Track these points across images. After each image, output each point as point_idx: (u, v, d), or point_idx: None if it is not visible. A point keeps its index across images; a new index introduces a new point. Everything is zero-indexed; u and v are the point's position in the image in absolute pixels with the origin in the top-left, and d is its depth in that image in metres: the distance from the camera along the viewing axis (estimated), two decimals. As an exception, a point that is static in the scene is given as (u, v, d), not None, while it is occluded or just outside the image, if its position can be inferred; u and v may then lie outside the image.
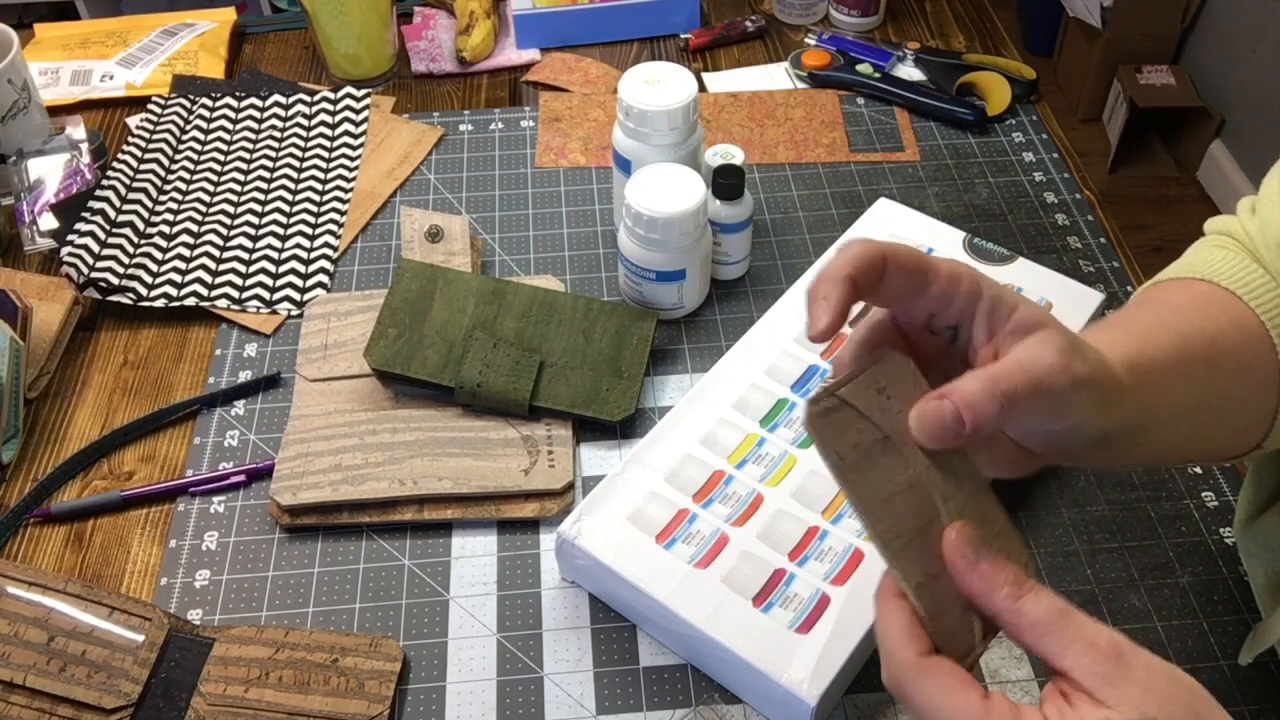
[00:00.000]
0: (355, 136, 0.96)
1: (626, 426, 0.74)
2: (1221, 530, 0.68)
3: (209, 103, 0.99)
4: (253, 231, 0.87)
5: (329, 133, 0.97)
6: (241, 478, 0.71)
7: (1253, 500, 0.63)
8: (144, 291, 0.82)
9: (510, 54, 1.07)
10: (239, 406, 0.76)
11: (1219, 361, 0.51)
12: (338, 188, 0.92)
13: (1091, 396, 0.43)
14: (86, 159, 0.88)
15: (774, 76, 1.04)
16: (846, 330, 0.45)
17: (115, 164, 0.91)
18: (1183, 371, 0.49)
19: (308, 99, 1.00)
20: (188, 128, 0.97)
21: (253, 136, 0.96)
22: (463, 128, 0.98)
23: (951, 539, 0.40)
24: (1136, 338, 0.49)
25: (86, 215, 0.84)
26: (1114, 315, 0.53)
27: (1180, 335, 0.50)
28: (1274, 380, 0.53)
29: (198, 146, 0.95)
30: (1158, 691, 0.36)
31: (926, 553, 0.40)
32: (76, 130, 0.90)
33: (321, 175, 0.93)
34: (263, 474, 0.72)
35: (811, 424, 0.40)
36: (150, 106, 0.99)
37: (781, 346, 0.72)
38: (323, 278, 0.84)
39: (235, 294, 0.83)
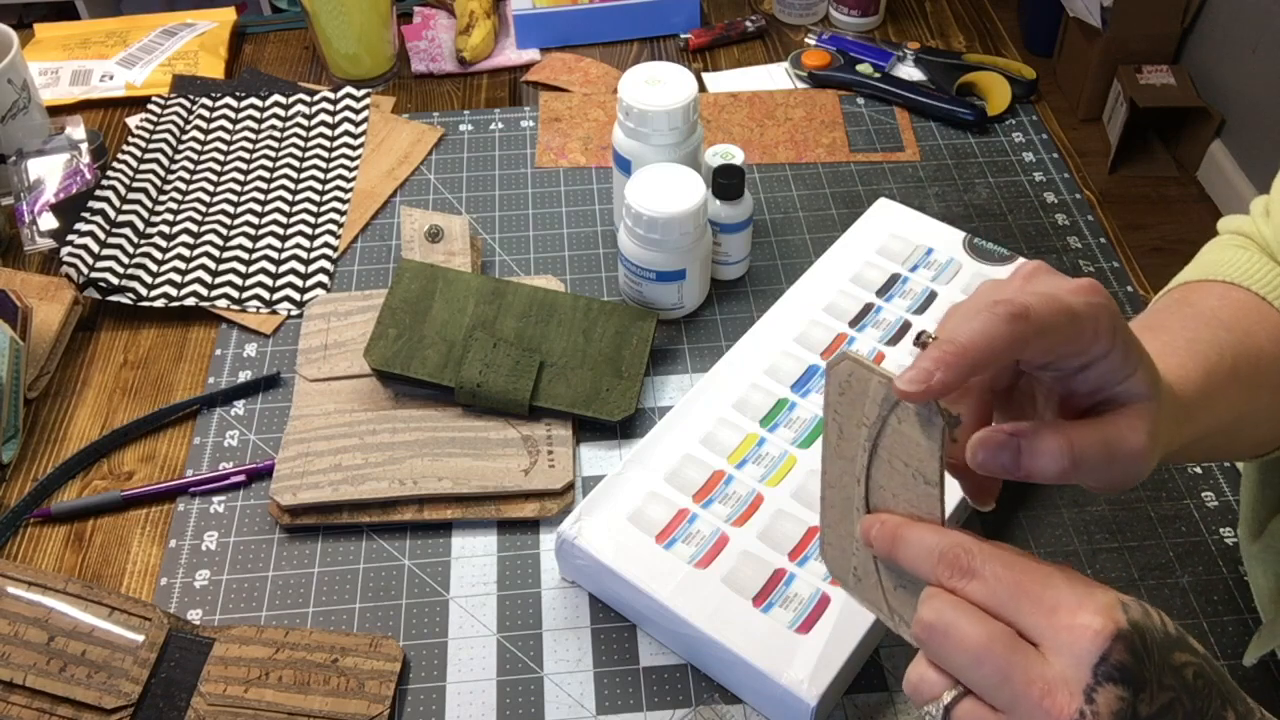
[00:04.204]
0: (355, 136, 0.96)
1: (626, 426, 0.74)
2: (1221, 530, 0.68)
3: (209, 103, 0.99)
4: (253, 231, 0.87)
5: (329, 133, 0.97)
6: (241, 478, 0.71)
7: (1258, 505, 0.63)
8: (144, 291, 0.82)
9: (510, 54, 1.07)
10: (239, 406, 0.76)
11: (1260, 380, 0.52)
12: (338, 188, 0.92)
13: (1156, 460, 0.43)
14: (86, 159, 0.88)
15: (774, 76, 1.04)
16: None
17: (115, 164, 0.91)
18: (1231, 394, 0.50)
19: (308, 99, 1.00)
20: (188, 128, 0.97)
21: (253, 136, 0.96)
22: (463, 128, 0.98)
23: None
24: (1202, 368, 0.48)
25: (86, 215, 0.84)
26: (1173, 320, 0.52)
27: (1234, 360, 0.50)
28: None
29: (198, 146, 0.95)
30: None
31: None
32: (76, 130, 0.90)
33: (321, 175, 0.93)
34: (263, 474, 0.72)
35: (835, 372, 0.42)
36: (150, 106, 0.99)
37: (781, 346, 0.72)
38: (322, 278, 0.84)
39: (235, 294, 0.83)
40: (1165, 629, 0.37)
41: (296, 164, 0.93)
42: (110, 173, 0.89)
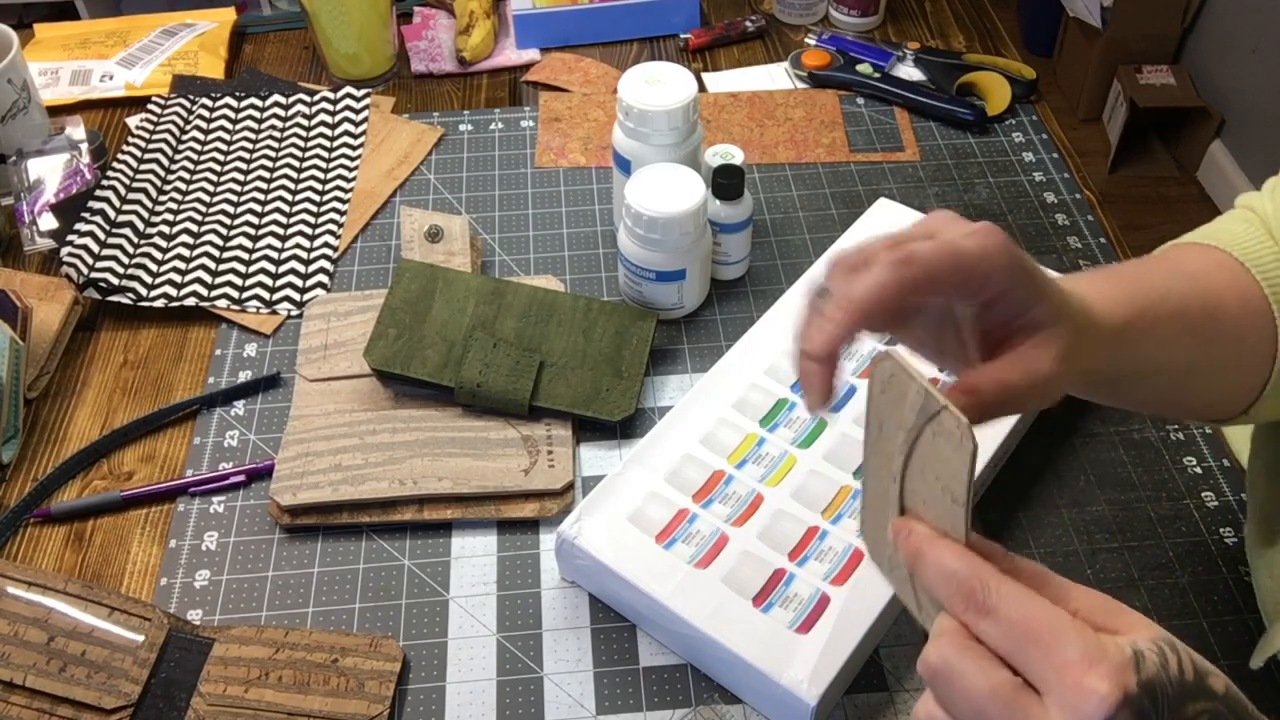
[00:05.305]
0: (355, 136, 0.96)
1: (626, 426, 0.74)
2: (1221, 530, 0.68)
3: (209, 103, 0.99)
4: (252, 231, 0.87)
5: (329, 133, 0.97)
6: (241, 478, 0.71)
7: (1266, 502, 0.63)
8: (144, 291, 0.82)
9: (510, 54, 1.07)
10: (239, 406, 0.76)
11: (1216, 330, 0.53)
12: (337, 188, 0.92)
13: (1070, 378, 0.45)
14: (86, 159, 0.88)
15: (774, 76, 1.04)
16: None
17: (115, 164, 0.91)
18: (1175, 334, 0.51)
19: (307, 99, 1.00)
20: (188, 128, 0.97)
21: (253, 136, 0.96)
22: (463, 128, 0.98)
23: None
24: (1139, 300, 0.51)
25: (86, 215, 0.84)
26: (1133, 264, 0.55)
27: (1181, 301, 0.52)
28: (1268, 354, 0.55)
29: (197, 146, 0.95)
30: (1150, 624, 0.38)
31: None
32: (76, 130, 0.90)
33: (321, 175, 0.93)
34: (263, 474, 0.72)
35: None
36: (150, 106, 0.99)
37: (781, 347, 0.72)
38: (322, 278, 0.84)
39: (235, 294, 0.83)
40: (1182, 678, 0.36)
41: (296, 164, 0.93)
42: (110, 173, 0.89)
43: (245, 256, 0.85)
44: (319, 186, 0.92)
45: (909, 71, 1.02)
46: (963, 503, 0.40)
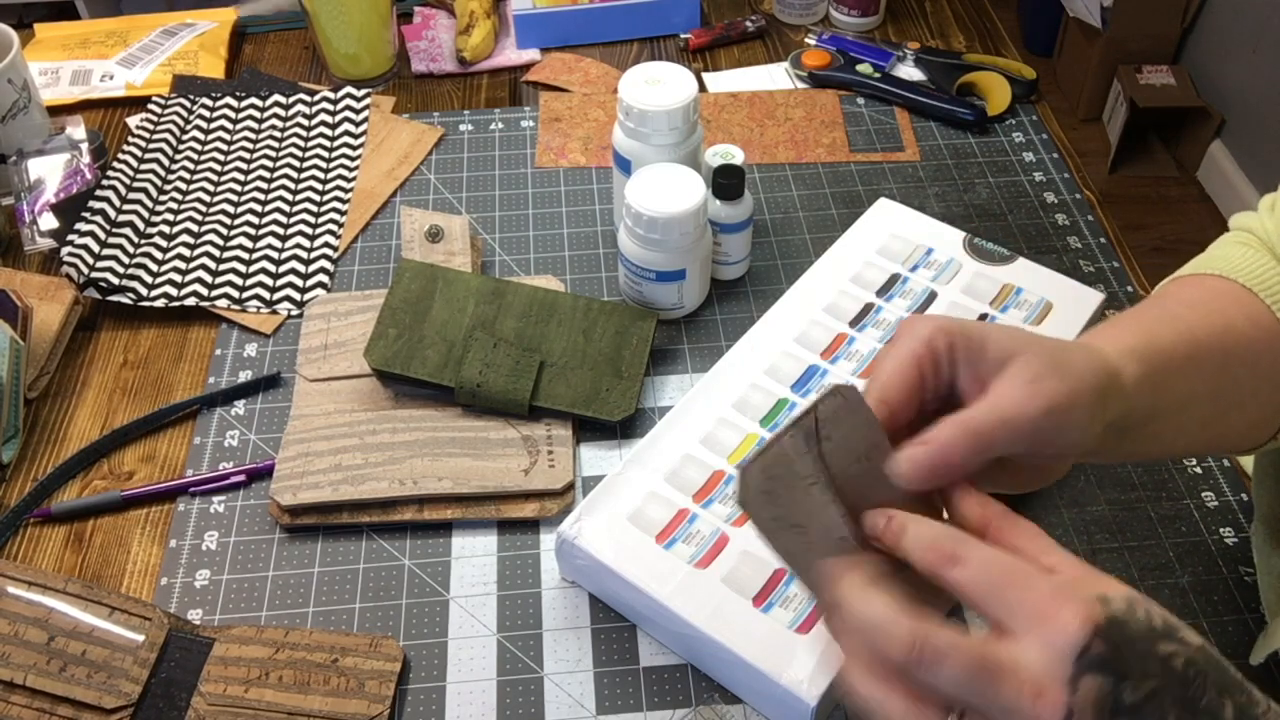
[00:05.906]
0: (355, 136, 0.96)
1: (626, 426, 0.74)
2: (1221, 530, 0.68)
3: (209, 103, 0.99)
4: (253, 231, 0.87)
5: (329, 133, 0.97)
6: (241, 478, 0.71)
7: (1274, 502, 0.63)
8: (144, 291, 0.82)
9: (510, 54, 1.07)
10: (239, 406, 0.76)
11: (1230, 355, 0.52)
12: (338, 188, 0.92)
13: (1078, 409, 0.44)
14: (86, 159, 0.88)
15: (774, 76, 1.04)
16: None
17: (115, 164, 0.91)
18: (1192, 362, 0.50)
19: (308, 99, 1.00)
20: (188, 128, 0.97)
21: (253, 136, 0.96)
22: (463, 128, 0.98)
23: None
24: (1144, 330, 0.50)
25: (86, 215, 0.84)
26: (1130, 310, 0.55)
27: (1190, 327, 0.51)
28: None
29: (198, 146, 0.95)
30: (1123, 585, 0.40)
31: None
32: (76, 130, 0.90)
33: (321, 175, 0.93)
34: (263, 474, 0.72)
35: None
36: (150, 106, 0.99)
37: (781, 346, 0.72)
38: (323, 278, 0.84)
39: (235, 294, 0.83)
40: (1150, 622, 0.38)
41: (297, 164, 0.93)
42: (110, 173, 0.89)
43: (245, 256, 0.85)
44: (319, 186, 0.92)
45: (909, 71, 1.02)
46: (885, 434, 0.42)
